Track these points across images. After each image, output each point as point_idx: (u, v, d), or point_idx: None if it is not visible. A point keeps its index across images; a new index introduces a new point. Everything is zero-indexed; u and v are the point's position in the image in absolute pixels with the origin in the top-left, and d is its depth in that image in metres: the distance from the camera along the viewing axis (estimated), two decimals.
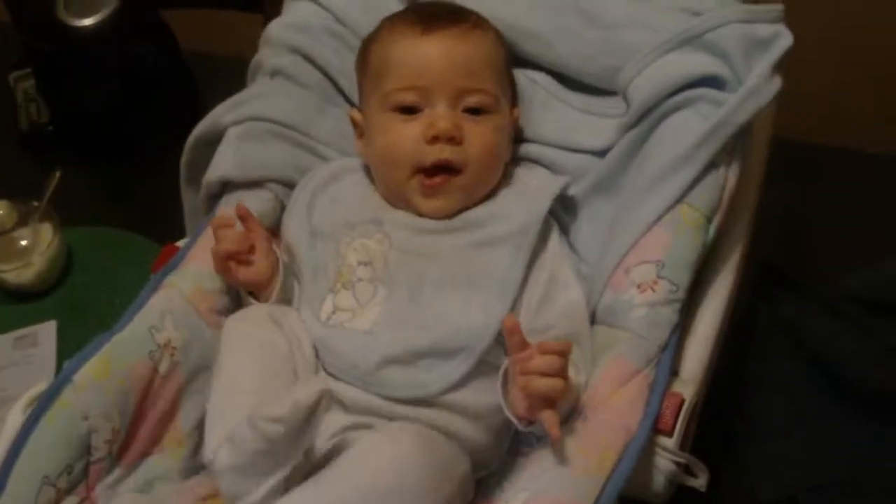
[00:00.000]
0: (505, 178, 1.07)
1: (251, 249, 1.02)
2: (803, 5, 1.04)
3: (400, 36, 1.05)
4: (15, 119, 1.58)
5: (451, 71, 1.02)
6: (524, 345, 0.87)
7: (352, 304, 0.99)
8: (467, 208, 1.03)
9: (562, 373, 0.86)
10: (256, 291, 1.03)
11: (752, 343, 1.13)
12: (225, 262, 1.02)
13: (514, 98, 1.10)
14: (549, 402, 0.85)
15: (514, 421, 0.89)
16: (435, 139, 1.01)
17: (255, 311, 1.01)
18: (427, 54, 1.03)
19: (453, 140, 1.01)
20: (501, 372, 0.90)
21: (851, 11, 1.44)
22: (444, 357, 0.94)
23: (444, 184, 1.01)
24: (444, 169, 1.01)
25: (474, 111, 1.02)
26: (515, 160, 1.11)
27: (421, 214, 1.03)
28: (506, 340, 0.88)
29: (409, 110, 1.03)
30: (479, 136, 1.02)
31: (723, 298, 0.99)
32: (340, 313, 0.99)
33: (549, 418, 0.85)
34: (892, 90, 1.47)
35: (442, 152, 1.01)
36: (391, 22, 1.08)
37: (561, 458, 0.85)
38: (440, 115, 1.01)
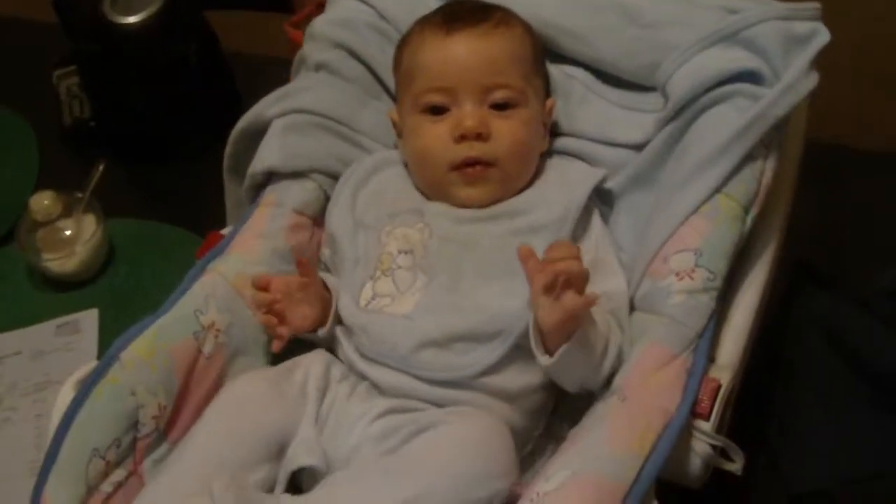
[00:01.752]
0: (544, 170, 1.09)
1: (281, 311, 1.03)
2: (837, 9, 1.05)
3: (426, 38, 1.08)
4: (59, 115, 1.62)
5: (475, 69, 1.04)
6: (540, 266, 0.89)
7: (391, 290, 1.01)
8: (505, 198, 1.06)
9: (575, 257, 0.88)
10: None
11: (787, 338, 1.14)
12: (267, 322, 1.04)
13: (547, 90, 1.13)
14: (569, 284, 0.87)
15: (538, 354, 0.91)
16: (462, 138, 1.03)
17: (259, 378, 1.00)
18: (451, 55, 1.05)
19: (480, 137, 1.03)
20: (534, 298, 0.91)
21: (883, 16, 1.46)
22: (481, 341, 0.96)
23: (482, 172, 1.04)
24: (478, 163, 1.04)
25: (501, 106, 1.05)
26: (554, 153, 1.13)
27: (459, 204, 1.05)
28: (522, 267, 0.90)
29: (438, 111, 1.06)
30: (507, 130, 1.04)
31: (758, 289, 1.00)
32: (380, 299, 1.01)
33: (571, 296, 0.86)
34: None
35: (471, 150, 1.03)
36: (420, 25, 1.11)
37: (600, 437, 0.87)
38: (466, 113, 1.04)
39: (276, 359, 1.05)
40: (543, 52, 1.13)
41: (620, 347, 0.94)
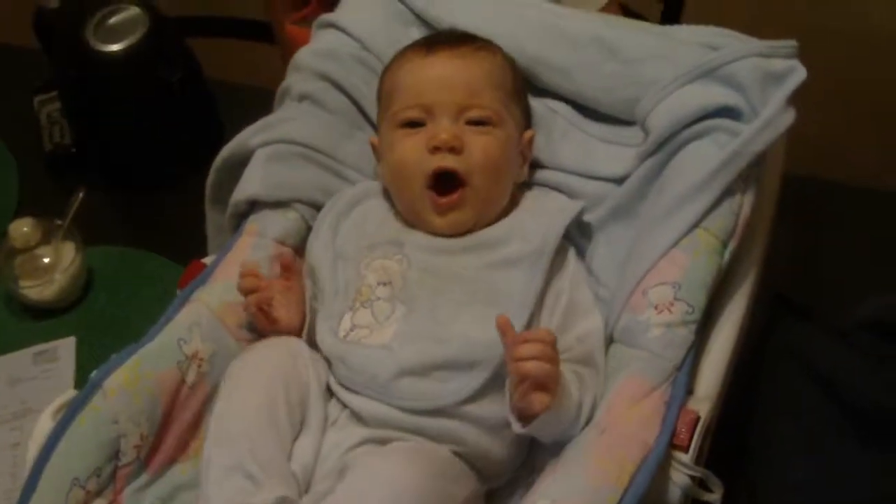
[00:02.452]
0: (522, 201, 1.11)
1: (269, 301, 1.04)
2: (818, 46, 1.07)
3: (406, 59, 1.10)
4: (39, 141, 1.61)
5: (452, 88, 1.06)
6: (518, 339, 0.90)
7: (370, 321, 1.02)
8: (482, 226, 1.06)
9: (550, 358, 0.89)
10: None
11: (766, 370, 1.15)
12: (255, 310, 1.04)
13: (527, 121, 1.14)
14: (539, 385, 0.89)
15: (512, 420, 0.92)
16: (436, 149, 1.04)
17: (274, 342, 1.03)
18: (429, 74, 1.07)
19: (454, 150, 1.04)
20: (509, 379, 0.93)
21: (859, 56, 1.49)
22: (461, 370, 0.96)
23: (455, 202, 1.05)
24: (451, 179, 1.04)
25: (477, 123, 1.06)
26: (533, 186, 1.14)
27: (435, 232, 1.06)
28: (501, 339, 0.91)
29: (414, 125, 1.07)
30: (481, 144, 1.05)
31: (737, 321, 1.01)
32: (358, 330, 1.02)
33: (539, 398, 0.88)
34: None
35: (443, 160, 1.04)
36: (402, 51, 1.13)
37: (580, 468, 0.87)
38: (441, 126, 1.05)
39: None
40: (525, 85, 1.14)
41: (595, 398, 0.95)
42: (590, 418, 0.94)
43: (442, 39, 1.12)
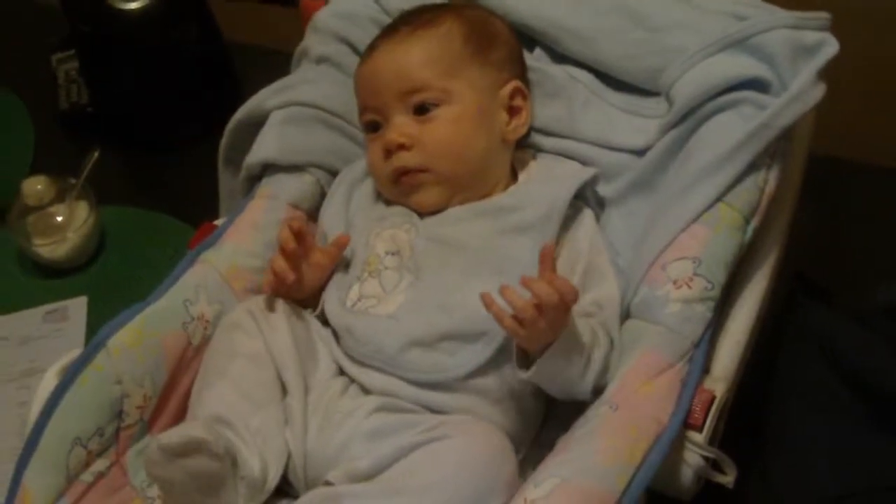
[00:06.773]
0: (535, 169, 1.08)
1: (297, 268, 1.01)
2: (841, 24, 1.04)
3: (361, 60, 1.09)
4: (56, 99, 1.60)
5: (389, 80, 1.04)
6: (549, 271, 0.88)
7: (377, 291, 1.00)
8: (478, 197, 1.04)
9: (546, 310, 0.86)
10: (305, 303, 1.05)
11: (784, 351, 1.12)
12: (279, 283, 1.01)
13: (509, 73, 1.08)
14: (517, 320, 0.87)
15: (518, 368, 0.90)
16: (388, 152, 1.03)
17: (245, 321, 0.99)
18: (370, 72, 1.06)
19: (403, 147, 1.02)
20: None
21: (887, 36, 1.45)
22: (467, 341, 0.94)
23: (414, 179, 1.03)
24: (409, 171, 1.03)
25: (422, 110, 1.03)
26: (549, 154, 1.11)
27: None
28: (539, 263, 0.89)
29: (375, 127, 1.06)
30: (431, 133, 1.03)
31: (756, 300, 0.99)
32: (366, 300, 1.00)
33: (509, 325, 0.87)
34: None
35: (398, 160, 1.03)
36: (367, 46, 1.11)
37: (591, 446, 0.85)
38: (391, 127, 1.03)
39: None
40: (503, 37, 1.09)
41: (607, 358, 0.93)
42: (601, 389, 0.92)
43: (390, 27, 1.09)
